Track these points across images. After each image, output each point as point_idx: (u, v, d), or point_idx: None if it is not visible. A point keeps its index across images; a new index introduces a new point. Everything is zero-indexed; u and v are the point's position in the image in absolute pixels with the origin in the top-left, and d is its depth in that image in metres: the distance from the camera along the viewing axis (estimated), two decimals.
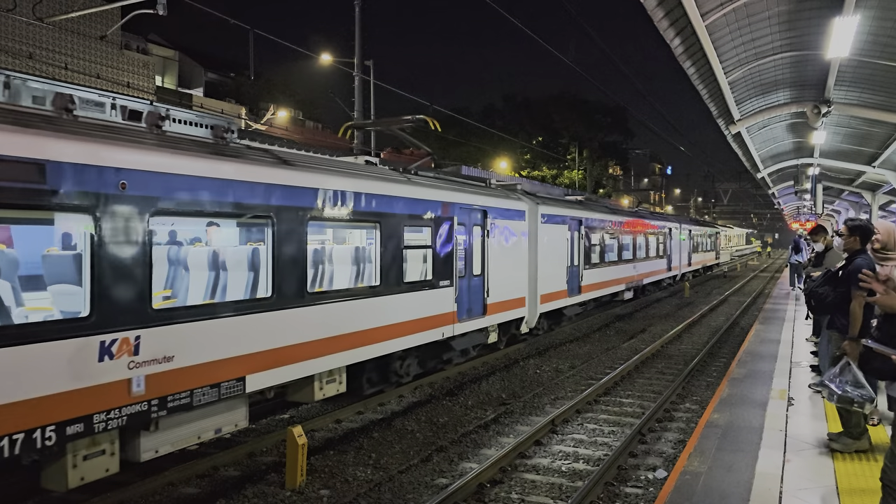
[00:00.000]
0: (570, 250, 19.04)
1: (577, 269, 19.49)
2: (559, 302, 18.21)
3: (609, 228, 22.75)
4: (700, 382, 13.42)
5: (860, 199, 36.40)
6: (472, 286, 13.35)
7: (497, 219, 14.27)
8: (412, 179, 11.75)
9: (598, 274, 21.43)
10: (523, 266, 15.75)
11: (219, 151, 7.84)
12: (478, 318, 13.62)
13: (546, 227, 17.10)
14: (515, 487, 7.88)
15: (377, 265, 10.50)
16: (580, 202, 21.93)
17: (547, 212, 17.31)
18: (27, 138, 5.84)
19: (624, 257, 24.60)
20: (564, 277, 18.41)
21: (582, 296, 19.93)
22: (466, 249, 13.15)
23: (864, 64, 15.37)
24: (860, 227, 7.25)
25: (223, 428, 7.97)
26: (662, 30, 13.23)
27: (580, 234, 19.74)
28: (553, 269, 17.61)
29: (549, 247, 17.28)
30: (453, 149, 50.85)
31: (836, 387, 6.18)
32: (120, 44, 28.93)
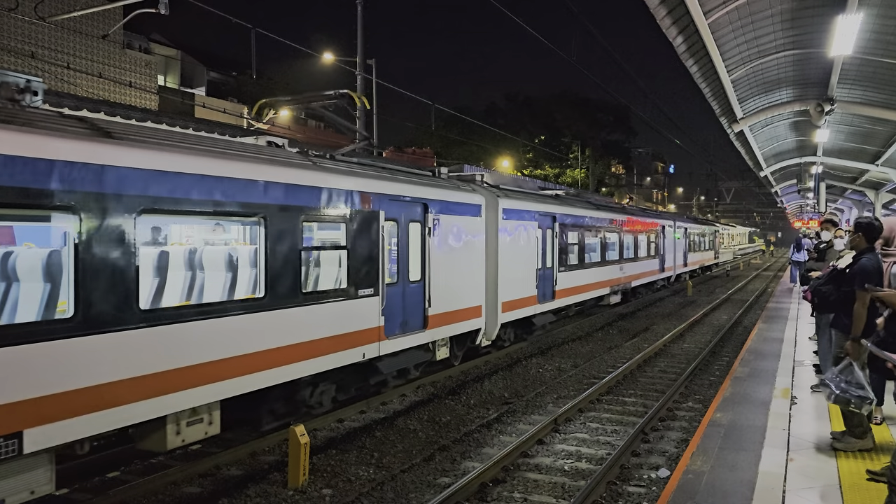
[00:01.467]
0: (542, 250, 16.88)
1: (550, 271, 17.43)
2: (527, 310, 16.00)
3: (590, 226, 20.84)
4: (703, 381, 13.40)
5: (863, 197, 36.36)
6: (407, 295, 11.29)
7: (443, 214, 12.18)
8: (319, 164, 9.62)
9: (577, 277, 19.34)
10: (479, 269, 13.71)
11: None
12: (416, 333, 11.47)
13: (509, 224, 14.91)
14: (518, 487, 7.86)
15: (262, 271, 8.28)
16: (556, 197, 19.79)
17: (510, 206, 15.04)
18: None
19: (609, 258, 22.72)
20: (534, 281, 16.23)
21: (556, 302, 17.76)
22: (399, 251, 11.16)
23: (868, 62, 15.34)
24: (865, 224, 7.19)
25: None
26: (665, 28, 13.22)
27: (554, 232, 17.63)
28: (518, 272, 15.39)
29: (513, 247, 15.07)
30: (455, 148, 50.81)
31: (835, 386, 6.17)
32: (122, 43, 28.94)
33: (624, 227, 24.62)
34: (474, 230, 13.47)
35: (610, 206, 25.40)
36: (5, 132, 5.75)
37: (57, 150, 6.08)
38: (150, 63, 30.43)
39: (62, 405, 6.02)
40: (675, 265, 33.81)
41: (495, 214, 14.32)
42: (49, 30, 22.84)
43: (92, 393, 6.29)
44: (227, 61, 49.21)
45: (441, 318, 12.22)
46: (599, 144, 66.11)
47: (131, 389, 6.66)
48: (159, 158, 7.06)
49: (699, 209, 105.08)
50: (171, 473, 7.95)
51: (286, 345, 8.60)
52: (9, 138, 5.75)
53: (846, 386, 6.10)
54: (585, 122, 63.16)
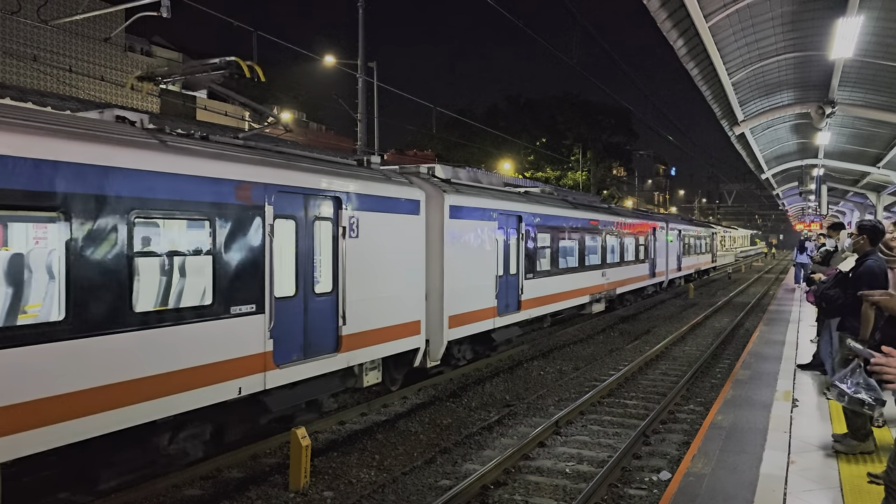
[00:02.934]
0: (504, 255, 14.85)
1: (514, 279, 15.34)
2: (483, 324, 13.83)
3: (566, 227, 18.70)
4: (704, 384, 13.39)
5: (865, 199, 36.33)
6: (312, 311, 9.16)
7: (364, 211, 10.14)
8: (169, 144, 7.48)
9: (549, 284, 17.22)
10: (417, 278, 11.65)
11: None
12: (324, 358, 9.30)
13: (459, 224, 12.78)
14: (519, 489, 7.86)
15: (61, 285, 6.23)
16: (524, 194, 17.49)
17: (460, 203, 12.87)
18: None
19: (589, 262, 20.60)
20: (492, 291, 14.14)
21: (522, 313, 15.60)
22: (300, 256, 9.03)
23: (868, 65, 15.35)
24: (869, 226, 7.21)
25: None
26: (666, 31, 13.23)
27: (520, 233, 15.55)
28: (472, 280, 13.27)
29: (464, 250, 12.96)
30: (457, 150, 50.89)
31: (847, 388, 6.15)
32: (124, 46, 29.03)
33: (608, 228, 22.66)
34: (411, 231, 11.40)
35: (591, 206, 23.20)
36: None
37: None
38: (152, 66, 30.48)
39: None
40: (667, 270, 31.61)
41: (440, 212, 12.28)
42: (51, 33, 22.90)
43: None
44: None
45: (361, 338, 10.05)
46: (601, 147, 66.15)
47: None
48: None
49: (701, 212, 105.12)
50: (172, 476, 7.96)
51: (106, 383, 6.50)
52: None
53: (858, 388, 6.09)
54: (587, 125, 63.22)
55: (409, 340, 11.45)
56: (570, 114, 62.73)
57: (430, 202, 12.18)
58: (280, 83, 48.11)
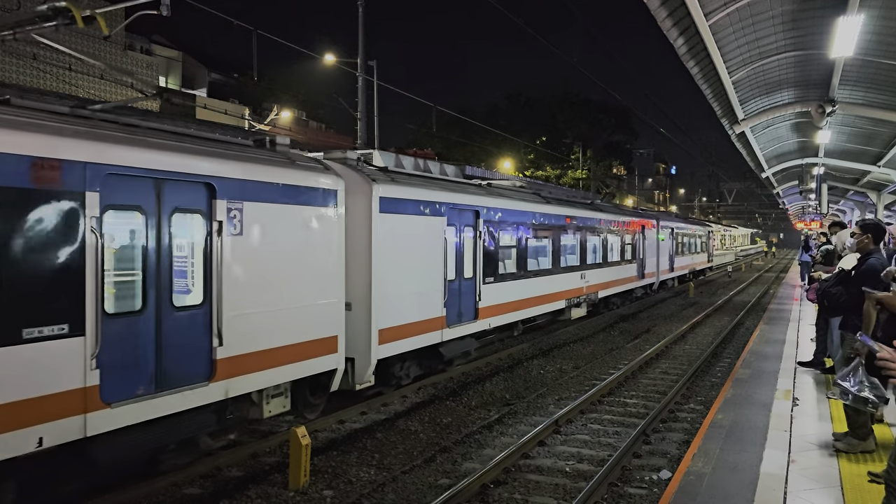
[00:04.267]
0: (456, 256, 12.91)
1: (470, 283, 13.46)
2: (427, 337, 11.97)
3: (537, 224, 16.69)
4: (704, 383, 13.39)
5: (865, 198, 36.34)
6: (169, 330, 7.20)
7: (252, 202, 8.19)
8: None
9: (514, 289, 15.34)
10: (333, 283, 9.59)
11: None
12: (189, 390, 7.35)
13: (394, 220, 10.98)
14: (519, 488, 7.86)
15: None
16: (485, 186, 15.49)
17: (394, 195, 11.02)
18: None
19: (566, 264, 18.69)
20: (439, 297, 12.26)
21: (479, 323, 13.70)
22: (150, 258, 7.06)
23: (869, 63, 15.34)
24: (872, 225, 7.22)
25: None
26: (666, 29, 13.23)
27: (478, 231, 13.65)
28: (411, 285, 11.49)
29: (400, 251, 11.14)
30: (457, 149, 50.87)
31: (850, 386, 6.14)
32: (124, 44, 29.01)
33: (588, 225, 20.68)
34: (324, 227, 9.37)
35: (569, 201, 21.08)
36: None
37: None
38: (152, 64, 30.49)
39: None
40: (658, 270, 29.66)
41: (367, 205, 10.47)
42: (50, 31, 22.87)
43: None
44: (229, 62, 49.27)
45: (248, 362, 8.10)
46: (601, 145, 66.19)
47: None
48: None
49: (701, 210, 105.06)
50: (172, 475, 7.95)
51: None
52: None
53: (862, 386, 6.08)
54: (587, 124, 63.25)
55: (321, 361, 9.31)
56: (571, 112, 62.76)
57: (353, 193, 10.26)
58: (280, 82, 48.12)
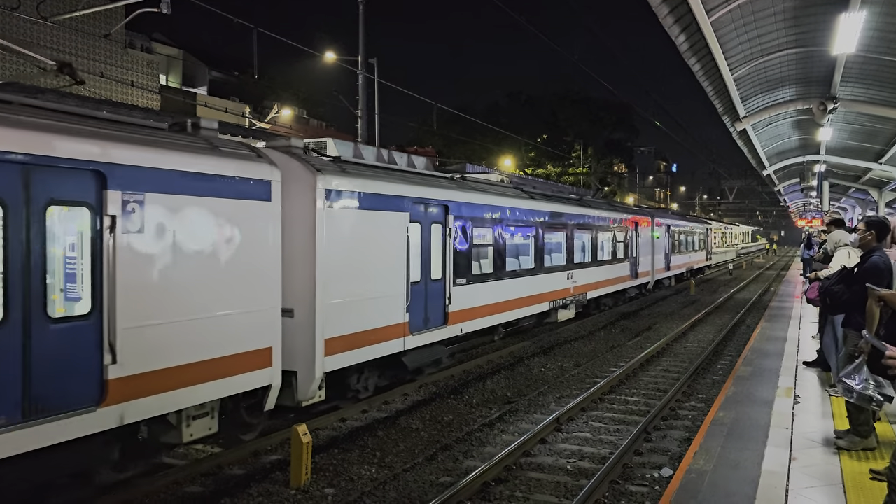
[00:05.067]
0: (422, 255, 11.78)
1: (438, 285, 12.29)
2: (386, 346, 10.80)
3: (517, 221, 15.58)
4: (706, 380, 13.38)
5: (866, 195, 36.32)
6: (42, 347, 6.08)
7: (156, 193, 7.05)
8: None
9: (489, 291, 14.11)
10: (265, 289, 8.37)
11: None
12: (70, 416, 6.21)
13: (344, 215, 9.79)
14: (520, 486, 7.85)
15: None
16: (458, 179, 14.25)
17: (345, 187, 9.82)
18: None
19: (551, 263, 17.48)
20: (401, 302, 11.11)
21: (449, 328, 12.55)
22: (8, 261, 5.91)
23: (871, 60, 15.32)
24: (877, 222, 7.18)
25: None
26: (667, 26, 13.20)
27: (447, 228, 12.46)
28: (366, 288, 10.28)
29: (352, 250, 9.92)
30: (457, 147, 50.84)
31: (854, 384, 6.12)
32: (124, 42, 28.98)
33: (576, 222, 19.39)
34: (252, 223, 8.20)
35: (555, 197, 19.66)
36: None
37: None
38: (152, 62, 30.45)
39: None
40: (652, 269, 28.34)
41: (310, 198, 9.23)
42: (51, 29, 22.86)
43: None
44: (229, 61, 49.26)
45: (151, 381, 6.96)
46: (602, 143, 66.15)
47: None
48: None
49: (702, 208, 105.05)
50: (174, 473, 7.96)
51: None
52: None
53: (865, 383, 6.06)
54: (588, 121, 63.21)
55: (250, 377, 8.17)
56: (571, 110, 62.71)
57: (293, 185, 9.12)
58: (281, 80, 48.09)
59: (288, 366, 8.92)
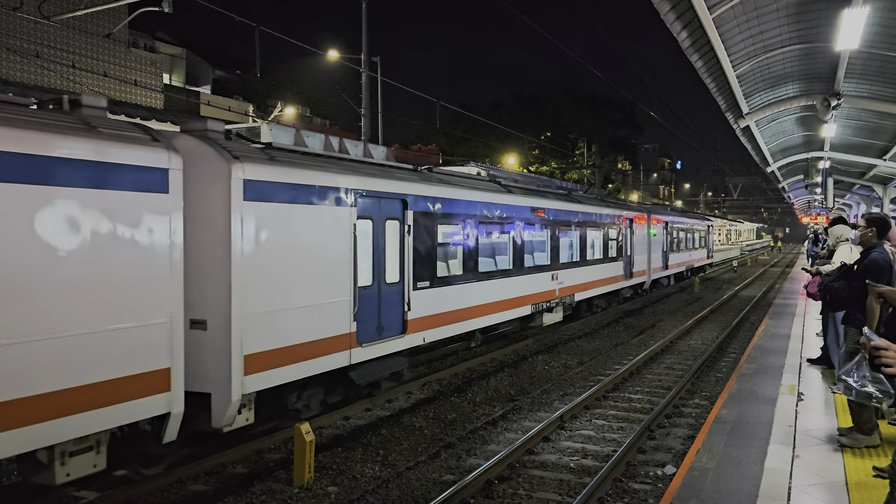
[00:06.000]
0: (374, 255, 10.42)
1: (395, 289, 10.93)
2: (327, 360, 9.29)
3: (491, 218, 14.16)
4: (709, 378, 13.36)
5: (871, 192, 36.19)
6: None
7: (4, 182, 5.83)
8: None
9: (457, 295, 12.70)
10: (159, 297, 7.01)
11: None
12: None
13: (270, 211, 8.37)
14: (523, 484, 7.86)
15: None
16: (421, 171, 12.73)
17: (270, 178, 8.43)
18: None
19: (534, 263, 16.14)
20: (346, 309, 9.64)
21: (408, 337, 11.17)
22: None
23: (875, 56, 15.24)
24: (877, 219, 7.16)
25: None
26: (669, 23, 13.15)
27: (405, 225, 11.22)
28: (301, 294, 8.86)
29: (280, 251, 8.54)
30: (461, 145, 50.81)
31: (853, 381, 6.11)
32: (127, 42, 29.03)
33: (562, 219, 18.00)
34: (144, 220, 6.89)
35: (539, 191, 17.99)
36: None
37: None
38: (155, 61, 30.50)
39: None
40: (649, 269, 27.08)
41: (223, 190, 7.89)
42: (54, 29, 22.91)
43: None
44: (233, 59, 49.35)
45: (3, 414, 5.76)
46: (606, 141, 66.01)
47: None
48: None
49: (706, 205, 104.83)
50: (177, 471, 7.98)
51: None
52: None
53: (864, 380, 6.05)
54: (591, 119, 63.06)
55: (139, 406, 6.79)
56: (575, 107, 62.59)
57: (202, 174, 7.89)
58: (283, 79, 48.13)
59: (200, 386, 7.73)
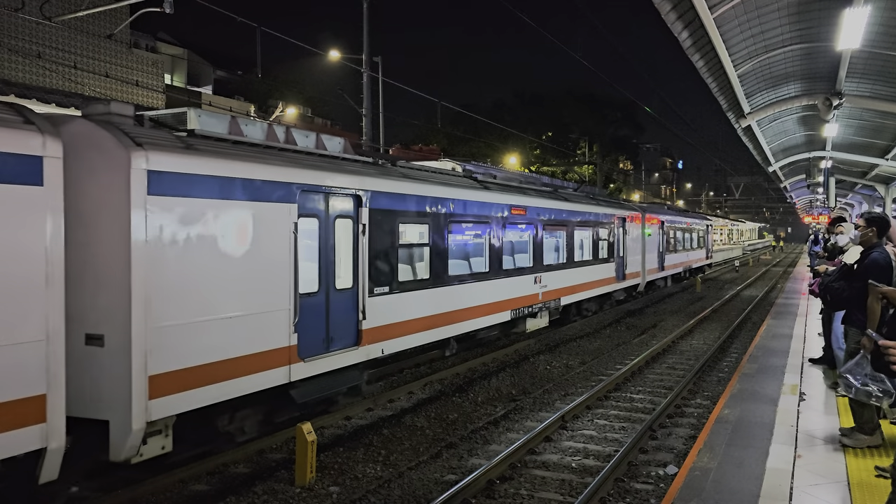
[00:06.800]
0: (319, 258, 9.19)
1: (347, 295, 9.70)
2: (259, 378, 8.08)
3: (464, 216, 12.97)
4: (711, 378, 13.35)
5: (873, 192, 36.15)
6: None
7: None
8: None
9: (422, 301, 11.50)
10: (24, 310, 5.86)
11: None
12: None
13: (185, 207, 7.27)
14: (525, 484, 7.86)
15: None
16: (381, 164, 11.41)
17: (186, 169, 7.31)
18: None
19: (513, 265, 14.91)
20: (284, 320, 8.44)
21: (362, 349, 9.90)
22: None
23: (876, 55, 15.24)
24: (877, 218, 7.16)
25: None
26: (670, 23, 13.15)
27: (361, 224, 9.94)
28: (225, 303, 7.68)
29: (198, 255, 7.40)
30: (462, 145, 50.82)
31: (854, 380, 6.11)
32: (129, 42, 29.05)
33: (545, 218, 16.65)
34: (11, 218, 5.83)
35: (520, 188, 16.39)
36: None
37: None
38: (157, 62, 30.52)
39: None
40: (643, 270, 25.56)
41: (120, 183, 6.73)
42: (55, 29, 22.93)
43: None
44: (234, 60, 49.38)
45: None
46: (607, 140, 66.04)
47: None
48: None
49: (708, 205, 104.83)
50: (179, 471, 7.98)
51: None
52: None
53: (865, 378, 6.05)
54: (593, 119, 63.11)
55: (3, 441, 5.68)
56: (576, 107, 62.60)
57: (91, 163, 6.80)
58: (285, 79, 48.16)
59: (94, 412, 6.67)
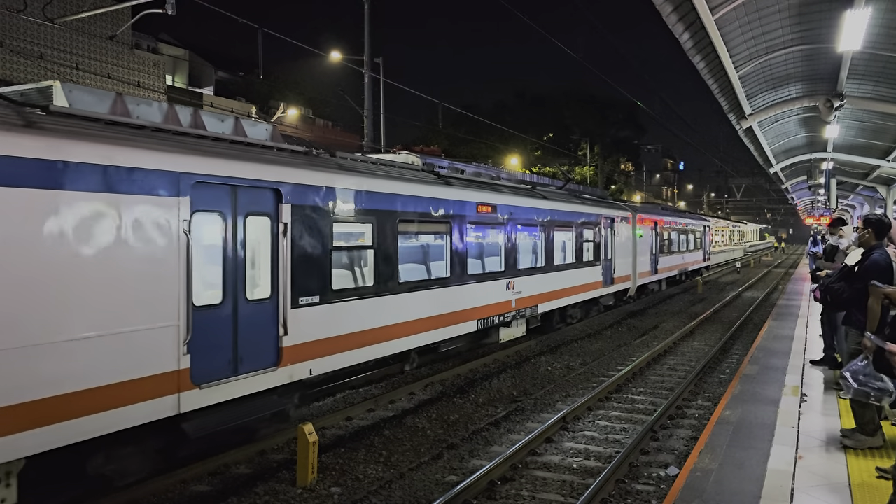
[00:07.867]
0: (224, 263, 7.83)
1: (264, 307, 8.33)
2: (131, 411, 6.67)
3: (418, 215, 11.54)
4: (712, 379, 13.35)
5: (875, 193, 36.15)
6: None
7: None
8: None
9: (361, 312, 10.03)
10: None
11: None
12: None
13: (25, 202, 5.85)
14: (526, 485, 7.86)
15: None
16: (314, 155, 9.79)
17: (11, 152, 5.75)
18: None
19: (481, 269, 13.57)
20: (172, 338, 7.08)
21: (282, 371, 8.48)
22: None
23: (877, 57, 15.25)
24: (875, 220, 7.18)
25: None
26: (671, 24, 13.17)
27: (282, 223, 8.57)
28: (78, 323, 6.21)
29: (44, 262, 5.98)
30: (463, 146, 50.82)
31: (853, 380, 6.12)
32: (130, 43, 29.11)
33: (522, 218, 15.18)
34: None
35: (490, 184, 14.65)
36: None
37: None
38: (158, 63, 30.56)
39: None
40: (634, 274, 23.92)
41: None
42: (57, 31, 22.97)
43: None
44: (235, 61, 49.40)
45: None
46: (608, 142, 65.99)
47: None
48: None
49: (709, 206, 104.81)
50: (180, 472, 7.99)
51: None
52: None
53: (864, 379, 6.06)
54: (594, 120, 63.05)
55: None
56: (578, 108, 62.56)
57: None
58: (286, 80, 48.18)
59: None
